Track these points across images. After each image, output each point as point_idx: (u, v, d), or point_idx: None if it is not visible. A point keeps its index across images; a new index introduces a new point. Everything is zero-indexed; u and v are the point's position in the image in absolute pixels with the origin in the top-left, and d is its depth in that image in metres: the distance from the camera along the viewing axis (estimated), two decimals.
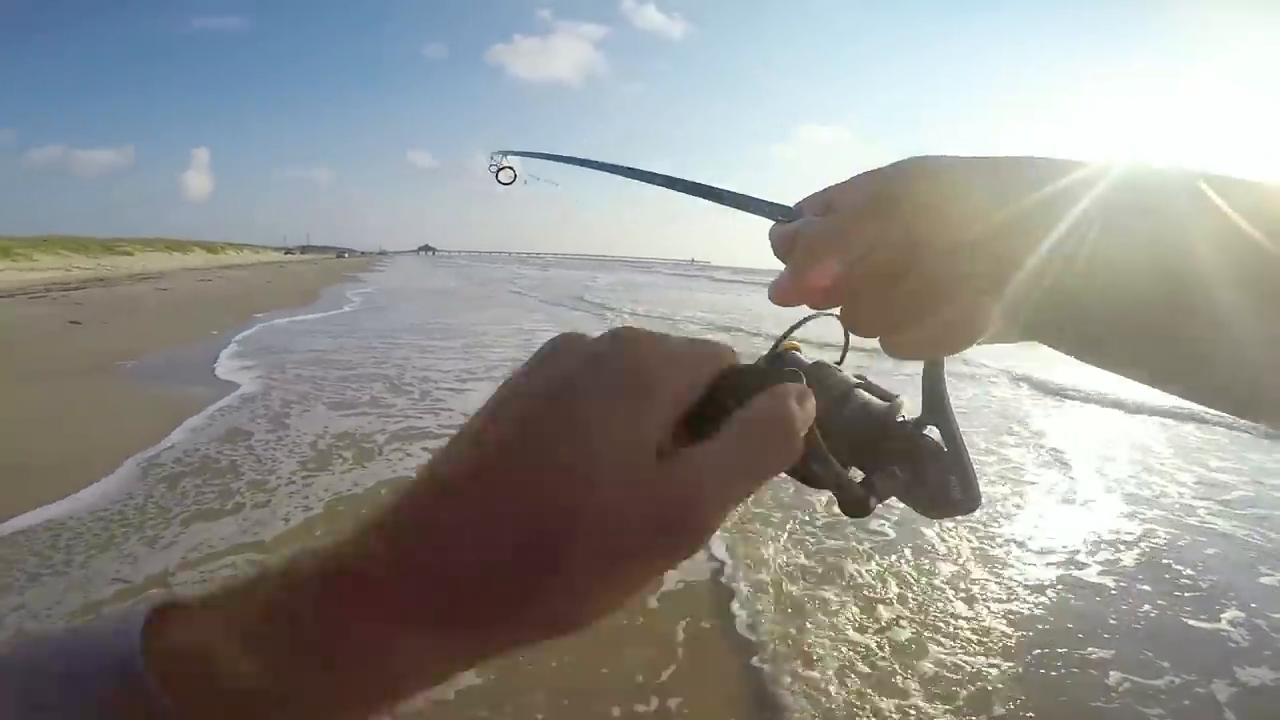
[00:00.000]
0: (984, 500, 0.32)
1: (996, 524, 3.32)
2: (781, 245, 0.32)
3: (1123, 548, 3.11)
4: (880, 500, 0.31)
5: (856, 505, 0.29)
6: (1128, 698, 2.10)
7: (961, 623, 2.43)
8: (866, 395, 0.31)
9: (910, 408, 0.32)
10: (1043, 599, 2.65)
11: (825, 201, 0.33)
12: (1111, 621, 2.50)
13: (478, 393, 5.92)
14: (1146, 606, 2.61)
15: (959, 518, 0.33)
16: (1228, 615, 2.56)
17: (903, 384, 0.33)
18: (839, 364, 0.33)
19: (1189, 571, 2.89)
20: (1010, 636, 2.38)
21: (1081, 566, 2.91)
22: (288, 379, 6.20)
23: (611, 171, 0.66)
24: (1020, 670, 2.20)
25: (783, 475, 0.28)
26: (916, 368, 0.33)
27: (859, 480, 0.30)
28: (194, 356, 7.16)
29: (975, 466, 0.31)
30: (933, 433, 0.32)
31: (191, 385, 5.83)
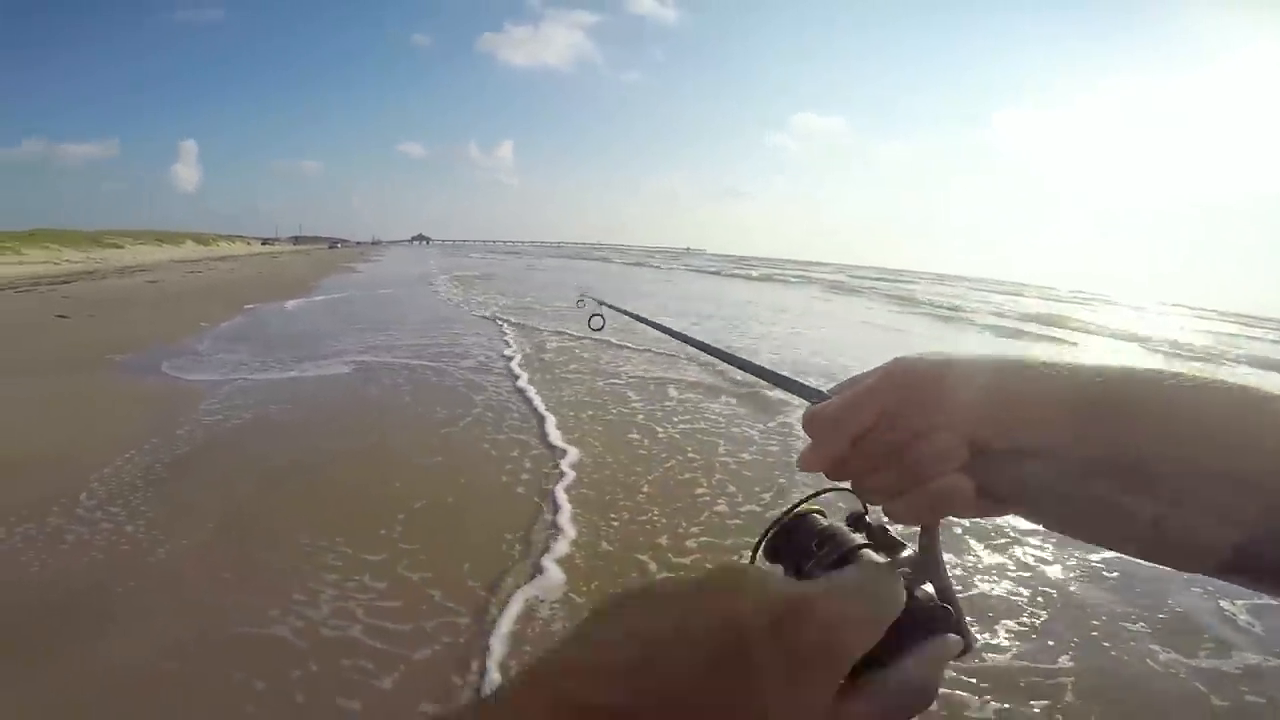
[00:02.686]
0: (978, 642, 0.36)
1: None
2: (809, 423, 0.39)
3: None
4: None
5: None
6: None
7: None
8: (870, 554, 0.37)
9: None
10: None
11: (849, 387, 0.40)
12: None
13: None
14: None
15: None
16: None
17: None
18: (863, 518, 0.39)
19: None
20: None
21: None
22: (265, 375, 6.14)
23: (674, 337, 0.78)
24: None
25: None
26: None
27: None
28: (184, 348, 7.09)
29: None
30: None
31: (182, 377, 5.78)
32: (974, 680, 2.05)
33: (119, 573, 2.55)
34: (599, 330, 1.17)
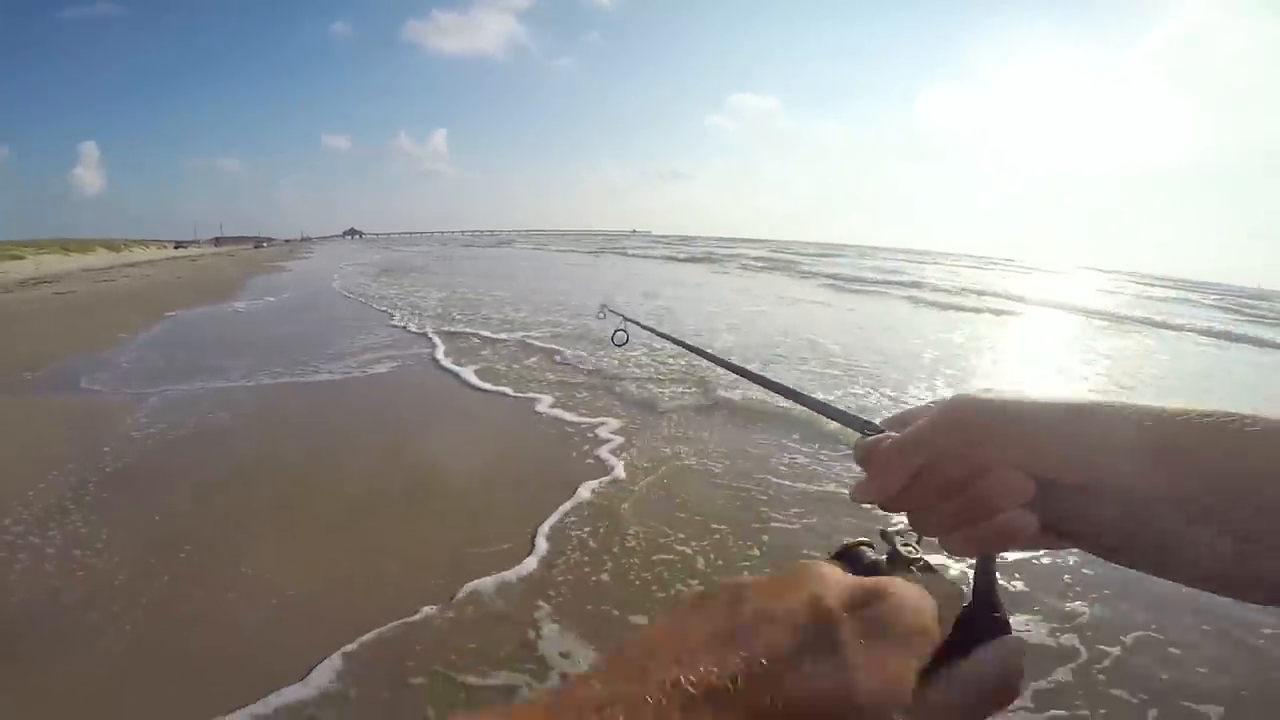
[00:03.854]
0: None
1: None
2: (862, 455, 0.40)
3: None
4: None
5: None
6: None
7: None
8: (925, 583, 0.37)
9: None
10: None
11: (902, 420, 0.41)
12: None
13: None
14: None
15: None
16: None
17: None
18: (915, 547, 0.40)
19: None
20: None
21: None
22: (193, 385, 5.96)
23: (711, 360, 0.74)
24: None
25: None
26: None
27: None
28: (104, 361, 6.76)
29: None
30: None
31: (102, 392, 5.55)
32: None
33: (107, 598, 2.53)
34: (623, 345, 1.09)
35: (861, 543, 0.39)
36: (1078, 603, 2.55)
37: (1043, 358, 9.02)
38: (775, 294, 15.73)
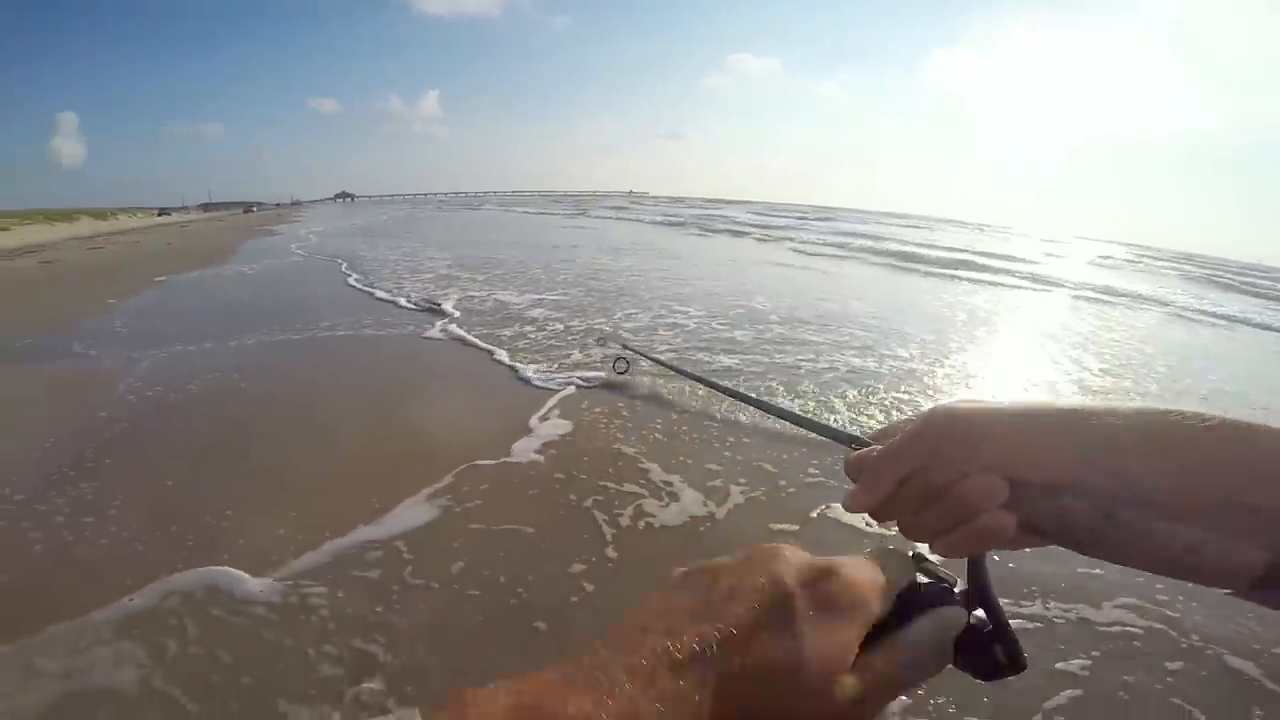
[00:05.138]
0: (1029, 662, 0.38)
1: None
2: (852, 468, 0.43)
3: None
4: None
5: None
6: None
7: None
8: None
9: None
10: None
11: (886, 434, 0.44)
12: None
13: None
14: None
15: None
16: None
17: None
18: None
19: None
20: None
21: None
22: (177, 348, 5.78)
23: (709, 386, 0.82)
24: None
25: None
26: None
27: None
28: (95, 326, 6.54)
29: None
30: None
31: (96, 358, 5.36)
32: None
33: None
34: (623, 374, 1.20)
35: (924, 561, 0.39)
36: None
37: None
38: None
